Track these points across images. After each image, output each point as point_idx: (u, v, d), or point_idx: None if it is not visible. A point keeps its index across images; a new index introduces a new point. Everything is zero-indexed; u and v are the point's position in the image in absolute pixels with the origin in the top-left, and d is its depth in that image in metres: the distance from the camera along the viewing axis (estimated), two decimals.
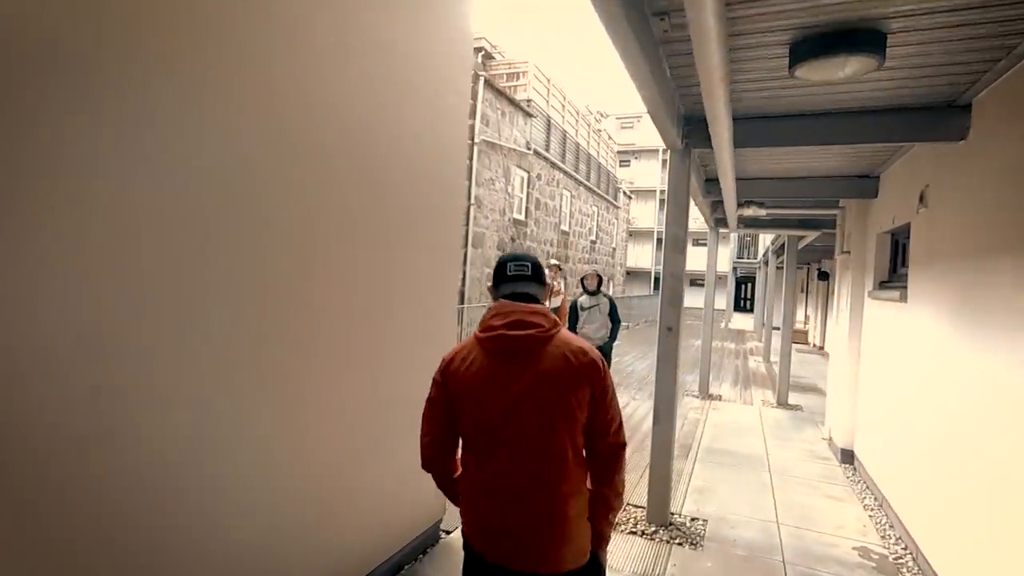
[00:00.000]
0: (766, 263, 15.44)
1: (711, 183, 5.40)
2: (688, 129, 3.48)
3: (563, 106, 16.26)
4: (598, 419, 1.41)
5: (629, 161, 37.39)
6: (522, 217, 13.21)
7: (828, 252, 13.85)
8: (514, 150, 12.24)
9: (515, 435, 1.37)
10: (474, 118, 10.37)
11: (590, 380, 1.38)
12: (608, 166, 22.00)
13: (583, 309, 5.60)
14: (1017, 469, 2.19)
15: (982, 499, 2.48)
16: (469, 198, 10.41)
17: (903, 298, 3.73)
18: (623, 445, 1.46)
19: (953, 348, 2.90)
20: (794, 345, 15.21)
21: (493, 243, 11.60)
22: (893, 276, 4.50)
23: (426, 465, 1.53)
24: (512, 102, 12.04)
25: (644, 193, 35.97)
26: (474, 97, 10.38)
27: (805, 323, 18.23)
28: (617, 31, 1.91)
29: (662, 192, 36.86)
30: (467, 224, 10.42)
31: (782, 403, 7.50)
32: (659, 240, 36.70)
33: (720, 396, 7.93)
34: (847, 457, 5.00)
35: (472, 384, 1.41)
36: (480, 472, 1.43)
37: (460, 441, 1.51)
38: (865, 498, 4.22)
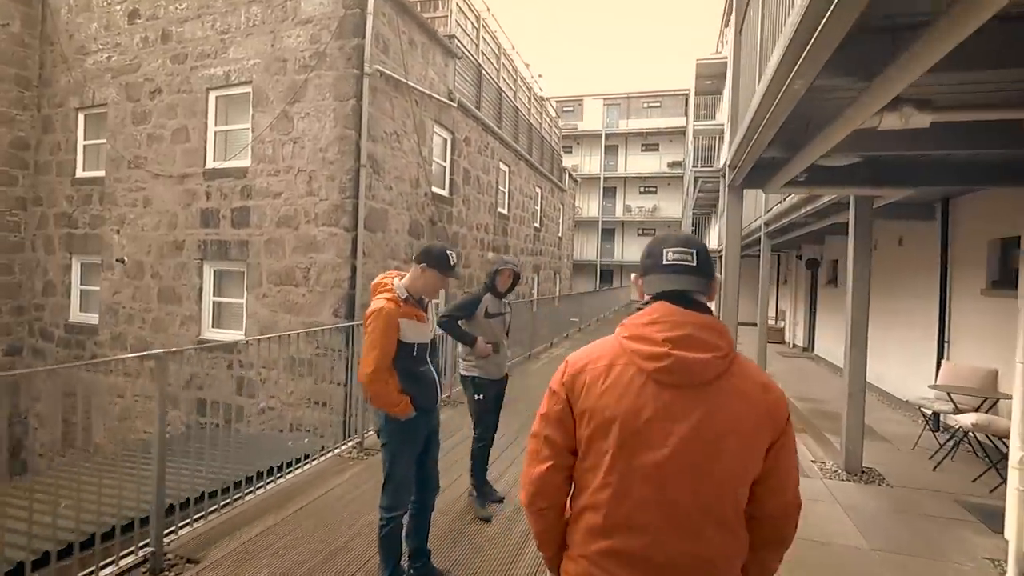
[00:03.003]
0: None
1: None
2: None
3: (498, 58, 13.03)
4: (777, 473, 1.10)
5: (571, 147, 35.04)
6: (445, 192, 9.88)
7: (816, 236, 11.54)
8: (431, 98, 8.89)
9: (672, 492, 1.05)
10: (362, 35, 6.94)
11: (773, 424, 1.09)
12: (552, 142, 19.00)
13: (488, 317, 3.63)
14: None
15: None
16: (358, 156, 6.99)
17: None
18: (800, 506, 1.16)
19: None
20: (769, 345, 12.81)
21: (402, 226, 8.23)
22: None
23: (538, 499, 1.18)
24: (425, 28, 8.67)
25: (588, 181, 33.60)
26: (362, 5, 6.93)
27: (777, 319, 16.01)
28: None
29: (607, 179, 34.75)
30: (356, 196, 7.00)
31: (853, 470, 4.66)
32: (604, 231, 34.56)
33: None
34: None
35: (614, 412, 1.08)
36: (609, 536, 1.08)
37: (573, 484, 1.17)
38: None
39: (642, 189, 35.27)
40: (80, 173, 9.31)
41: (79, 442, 8.30)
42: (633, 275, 1.28)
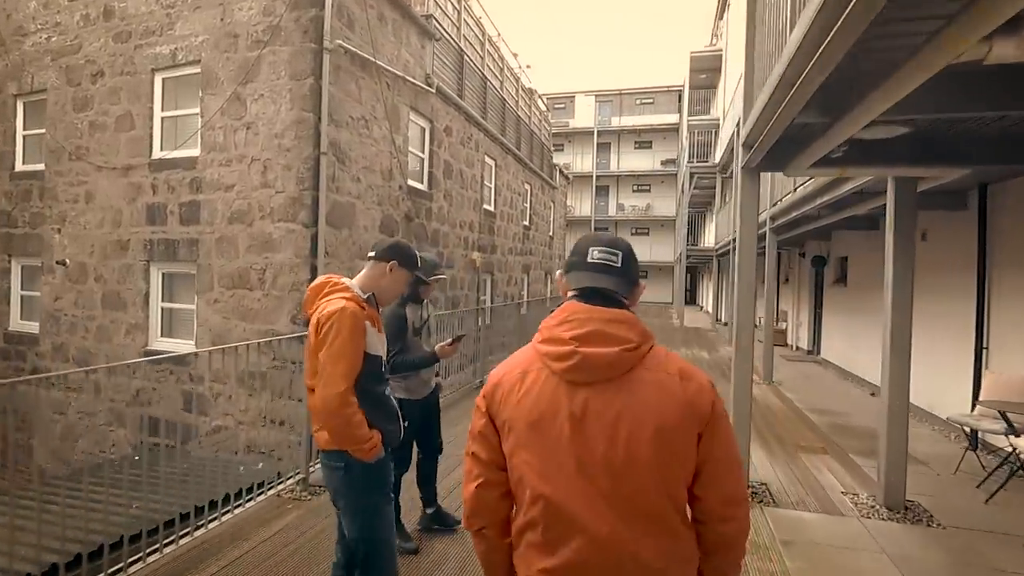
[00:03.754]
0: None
1: None
2: None
3: (482, 45, 12.25)
4: (710, 467, 1.06)
5: (563, 145, 34.39)
6: (423, 186, 9.07)
7: (822, 232, 10.85)
8: (406, 81, 8.09)
9: (604, 495, 1.02)
10: (321, 6, 6.13)
11: (696, 413, 1.05)
12: (543, 137, 18.22)
13: (416, 334, 3.04)
14: None
15: None
16: (318, 142, 6.18)
17: None
18: (745, 501, 1.10)
19: None
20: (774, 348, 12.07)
21: (372, 222, 7.42)
22: None
23: (474, 519, 1.16)
24: (398, 3, 7.86)
25: (580, 180, 32.91)
26: None
27: (778, 321, 15.30)
28: None
29: (599, 178, 34.04)
30: (316, 187, 6.19)
31: (895, 505, 3.90)
32: (597, 231, 33.81)
33: (767, 490, 4.23)
34: None
35: (530, 419, 1.06)
36: (553, 552, 1.04)
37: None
38: None
39: (635, 188, 34.67)
40: (19, 167, 8.44)
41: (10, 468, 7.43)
42: (557, 272, 1.26)
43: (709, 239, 24.02)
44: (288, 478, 3.95)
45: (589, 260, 1.13)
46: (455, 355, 3.16)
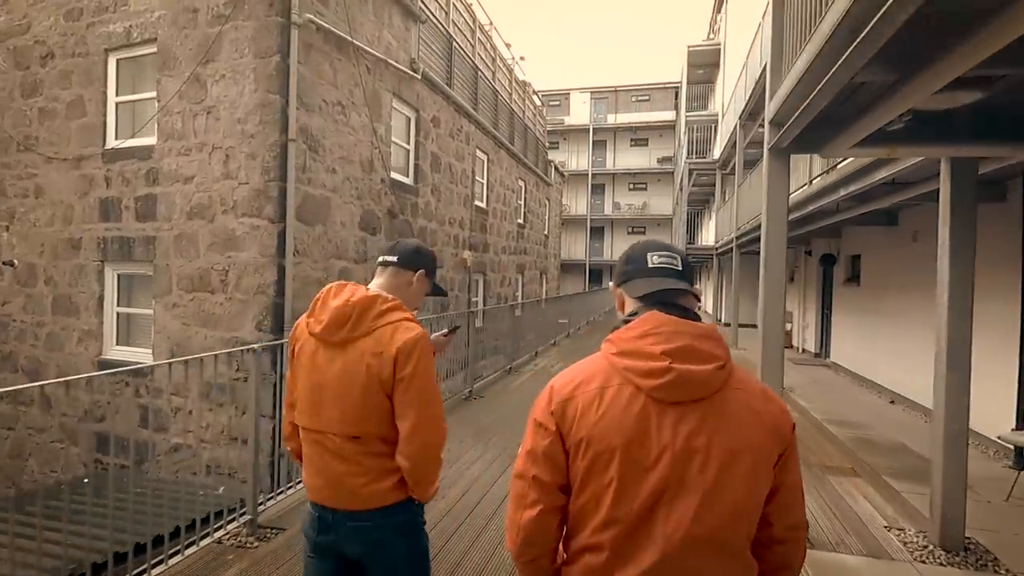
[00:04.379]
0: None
1: None
2: None
3: (473, 32, 11.62)
4: (784, 491, 1.03)
5: (558, 143, 33.85)
6: (409, 180, 8.44)
7: (831, 229, 10.30)
8: (388, 65, 7.46)
9: (683, 523, 0.96)
10: None
11: (780, 436, 1.01)
12: (537, 132, 17.61)
13: None
14: None
15: None
16: (285, 127, 5.53)
17: None
18: (807, 526, 1.14)
19: None
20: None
21: (351, 218, 6.78)
22: None
23: (528, 549, 1.07)
24: None
25: (575, 178, 32.35)
26: None
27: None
28: None
29: (595, 176, 33.47)
30: (283, 178, 5.54)
31: (953, 546, 3.30)
32: (592, 229, 33.24)
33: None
34: None
35: (613, 440, 0.98)
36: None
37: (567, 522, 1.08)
38: None
39: (631, 186, 34.14)
40: None
41: None
42: (611, 284, 1.20)
43: (708, 237, 23.48)
44: (231, 520, 3.30)
45: (651, 265, 1.09)
46: (449, 349, 2.57)
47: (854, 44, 2.03)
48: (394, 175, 7.86)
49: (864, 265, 9.32)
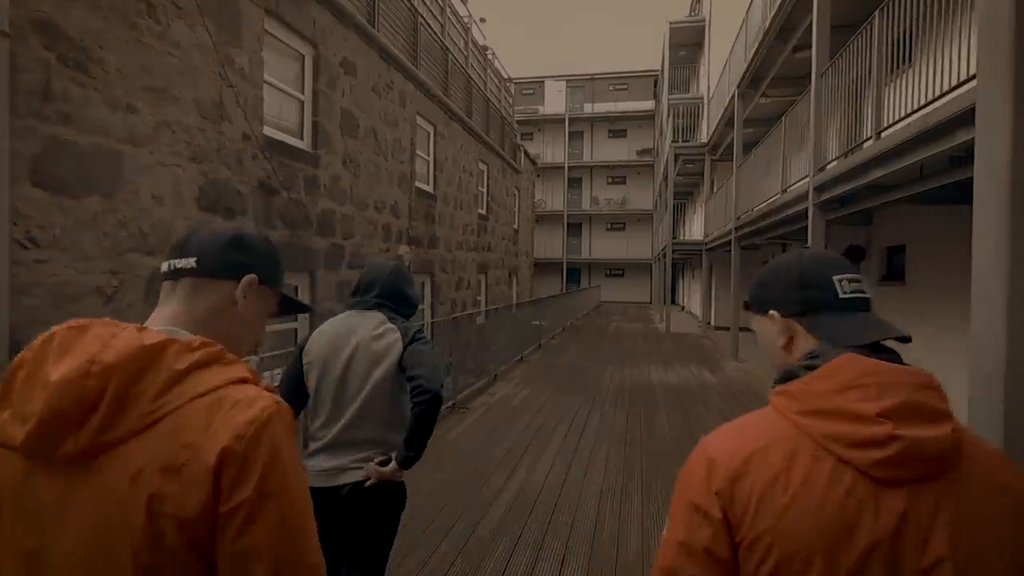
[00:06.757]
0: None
1: None
2: None
3: None
4: None
5: (532, 134, 31.67)
6: (303, 144, 5.93)
7: (860, 216, 8.24)
8: None
9: None
10: None
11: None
12: (503, 110, 15.21)
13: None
14: None
15: None
16: None
17: None
18: None
19: None
20: None
21: (176, 188, 4.26)
22: None
23: None
24: None
25: (551, 171, 30.17)
26: None
27: None
28: None
29: (571, 169, 31.26)
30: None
31: None
32: (570, 225, 31.06)
33: None
34: None
35: (811, 539, 0.68)
36: None
37: None
38: None
39: (610, 179, 32.14)
40: None
41: None
42: (772, 312, 0.87)
43: (694, 231, 21.41)
44: None
45: (842, 296, 0.81)
46: None
47: None
48: (273, 133, 5.36)
49: (911, 258, 7.14)
